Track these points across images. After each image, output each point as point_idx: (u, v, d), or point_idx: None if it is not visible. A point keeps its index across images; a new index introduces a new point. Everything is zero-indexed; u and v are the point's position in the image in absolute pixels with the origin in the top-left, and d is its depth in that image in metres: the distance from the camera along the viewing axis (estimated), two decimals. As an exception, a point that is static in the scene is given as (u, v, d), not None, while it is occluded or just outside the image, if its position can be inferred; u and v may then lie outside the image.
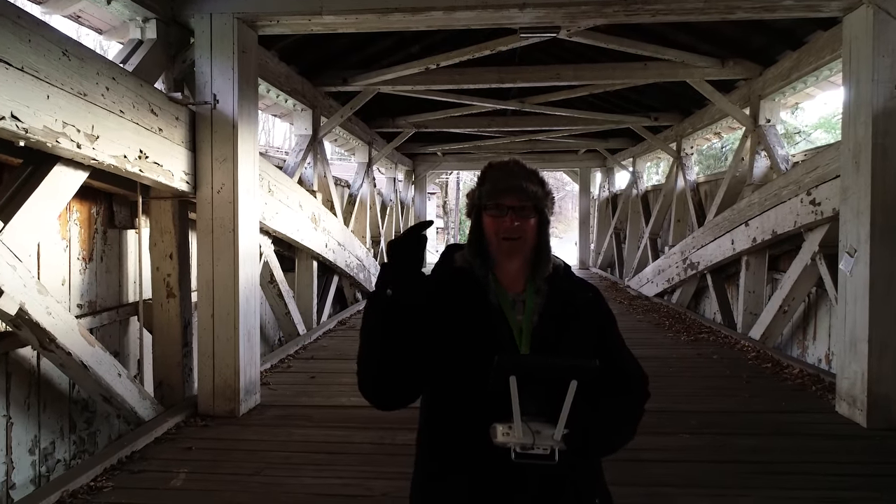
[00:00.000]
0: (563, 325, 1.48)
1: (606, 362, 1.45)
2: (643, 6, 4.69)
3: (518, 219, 1.46)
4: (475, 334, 1.44)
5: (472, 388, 1.39)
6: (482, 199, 1.50)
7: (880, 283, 4.48)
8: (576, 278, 1.59)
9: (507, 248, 1.47)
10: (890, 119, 4.47)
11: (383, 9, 4.73)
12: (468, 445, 1.41)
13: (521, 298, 1.50)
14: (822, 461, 3.97)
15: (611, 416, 1.46)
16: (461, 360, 1.44)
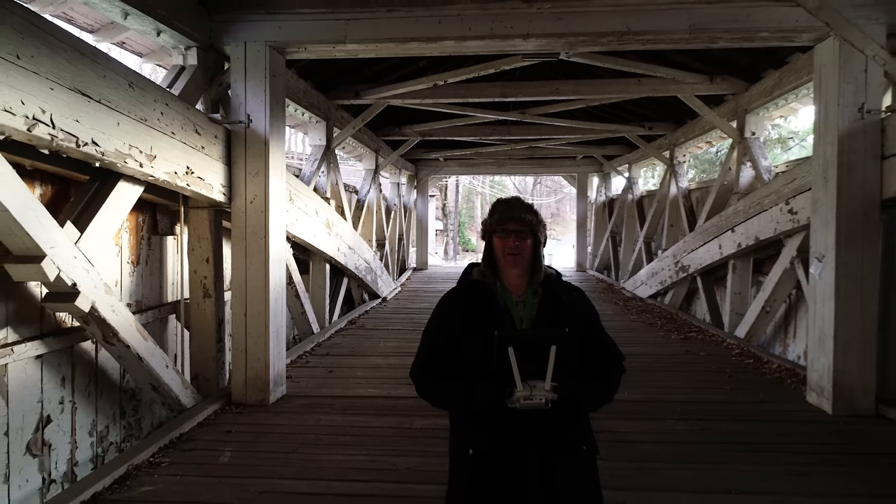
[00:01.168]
0: (553, 315, 2.05)
1: (593, 344, 2.05)
2: (634, 36, 5.23)
3: (518, 239, 2.04)
4: (489, 326, 1.97)
5: (489, 367, 1.93)
6: (493, 226, 2.09)
7: (844, 286, 5.02)
8: (563, 282, 2.17)
9: (510, 260, 2.05)
10: (854, 139, 5.01)
11: (401, 38, 5.27)
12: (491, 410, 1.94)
13: (522, 299, 2.08)
14: (791, 442, 4.51)
15: (592, 378, 2.02)
16: (482, 349, 1.97)
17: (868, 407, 5.02)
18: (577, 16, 5.15)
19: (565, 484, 1.95)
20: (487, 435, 1.97)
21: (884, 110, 5.01)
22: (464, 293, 2.12)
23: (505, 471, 1.95)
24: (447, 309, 2.14)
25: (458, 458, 2.06)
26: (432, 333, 2.14)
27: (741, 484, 3.76)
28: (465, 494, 2.01)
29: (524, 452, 1.94)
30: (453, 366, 2.04)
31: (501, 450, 1.96)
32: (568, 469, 1.97)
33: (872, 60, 4.98)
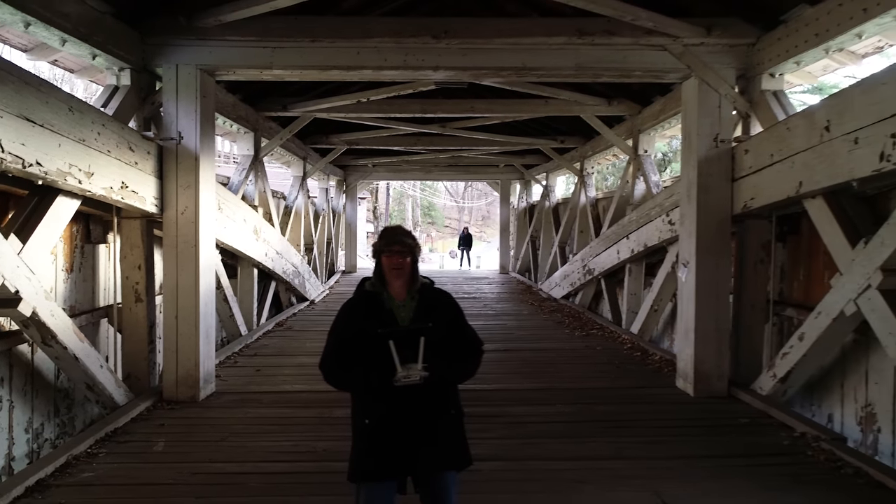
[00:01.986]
0: (426, 314, 2.69)
1: (458, 334, 2.73)
2: (530, 71, 6.01)
3: (401, 258, 2.67)
4: (379, 326, 2.61)
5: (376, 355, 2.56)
6: (381, 248, 2.71)
7: (703, 288, 5.95)
8: (435, 289, 2.81)
9: (395, 274, 2.68)
10: (710, 164, 5.95)
11: (324, 66, 5.84)
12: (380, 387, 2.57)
13: (403, 303, 2.71)
14: (656, 419, 5.36)
15: (456, 360, 2.69)
16: (373, 340, 2.59)
17: (722, 390, 5.96)
18: (480, 52, 5.86)
19: (438, 435, 2.62)
20: (379, 407, 2.60)
21: (733, 140, 5.97)
22: (359, 301, 2.75)
23: (393, 432, 2.58)
24: (347, 313, 2.75)
25: (357, 427, 2.68)
26: (336, 333, 2.72)
27: (608, 452, 4.55)
28: (366, 452, 2.63)
29: (407, 417, 2.58)
30: (352, 357, 2.65)
31: (390, 417, 2.59)
32: (440, 426, 2.63)
33: (725, 98, 5.94)
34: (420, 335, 2.55)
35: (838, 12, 4.71)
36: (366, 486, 2.61)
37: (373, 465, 2.59)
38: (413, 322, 2.66)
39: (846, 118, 4.31)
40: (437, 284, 2.84)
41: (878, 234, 4.20)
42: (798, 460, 4.38)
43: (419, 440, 2.58)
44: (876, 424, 4.86)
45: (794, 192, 4.96)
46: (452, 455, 2.68)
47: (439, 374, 2.58)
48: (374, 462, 2.59)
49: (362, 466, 2.61)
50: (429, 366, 2.54)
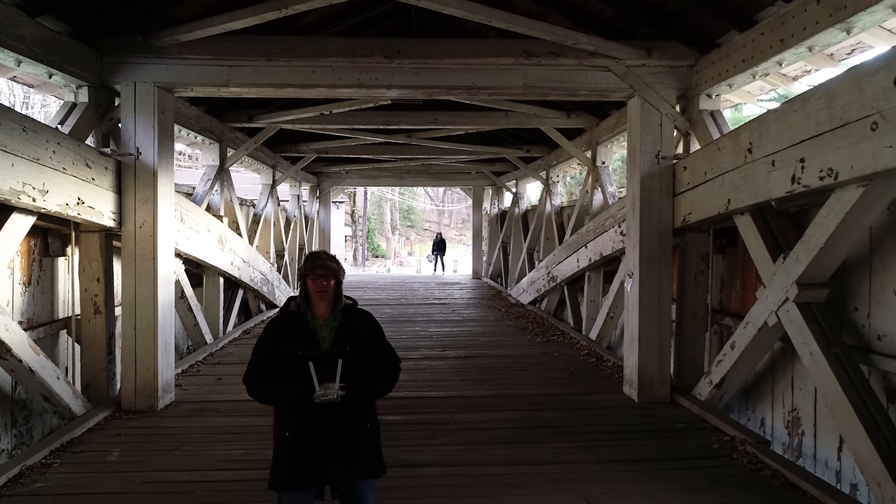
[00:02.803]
0: (346, 335, 2.88)
1: (377, 352, 2.93)
2: (480, 90, 6.24)
3: (325, 281, 2.86)
4: (302, 344, 2.79)
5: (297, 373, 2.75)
6: (306, 271, 2.90)
7: (645, 297, 6.22)
8: (357, 309, 3.01)
9: (320, 296, 2.87)
10: (652, 179, 6.23)
11: (280, 84, 6.02)
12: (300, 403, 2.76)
13: (326, 323, 2.90)
14: (598, 424, 5.60)
15: (373, 378, 2.90)
16: (295, 360, 2.78)
17: (665, 395, 6.24)
18: (432, 71, 6.08)
19: (354, 447, 2.82)
20: (299, 420, 2.79)
21: (674, 157, 6.26)
22: (284, 320, 2.94)
23: (312, 444, 2.78)
24: (272, 332, 2.93)
25: (279, 438, 2.87)
26: (261, 350, 2.89)
27: (545, 457, 4.77)
28: (287, 462, 2.82)
29: (325, 430, 2.78)
30: (275, 372, 2.83)
31: (309, 429, 2.78)
32: (356, 439, 2.84)
33: (666, 117, 6.22)
34: (338, 357, 2.75)
35: (760, 41, 5.02)
36: (286, 494, 2.80)
37: (293, 474, 2.77)
38: (333, 342, 2.85)
39: (765, 142, 4.60)
40: (410, 290, 3.07)
41: (794, 250, 4.49)
42: (722, 463, 4.65)
43: (336, 451, 2.77)
44: (800, 428, 5.16)
45: (723, 208, 5.25)
46: (368, 465, 2.89)
47: (356, 392, 2.79)
48: (293, 471, 2.78)
49: (283, 476, 2.80)
50: (346, 385, 2.74)
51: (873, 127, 3.49)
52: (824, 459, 4.83)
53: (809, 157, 4.07)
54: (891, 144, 3.36)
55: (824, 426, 4.87)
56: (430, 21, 8.01)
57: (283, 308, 3.00)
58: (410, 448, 4.92)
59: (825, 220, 4.12)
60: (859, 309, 4.50)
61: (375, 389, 2.93)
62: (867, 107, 3.54)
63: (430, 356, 8.50)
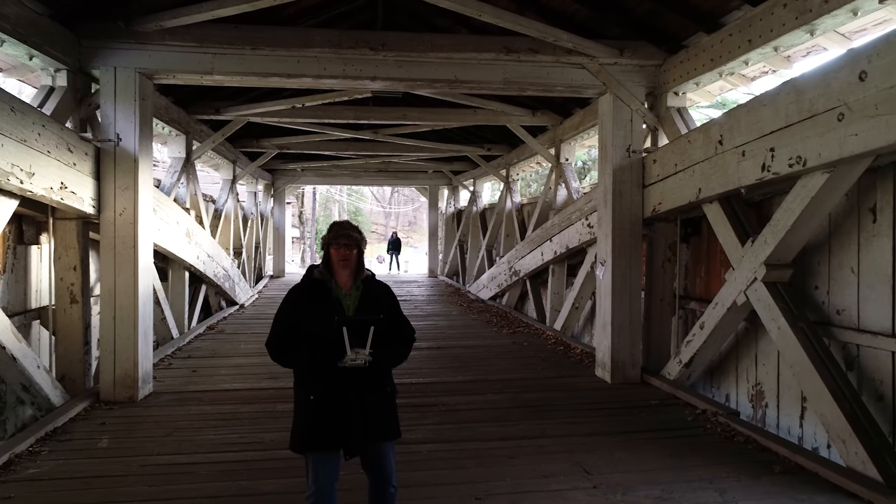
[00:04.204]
0: (369, 304, 2.99)
1: (395, 323, 3.07)
2: (462, 84, 6.44)
3: (347, 250, 2.96)
4: (326, 313, 2.88)
5: (327, 340, 2.85)
6: (330, 240, 2.98)
7: (618, 283, 6.56)
8: (377, 281, 3.12)
9: (342, 265, 2.97)
10: (624, 172, 6.57)
11: (264, 73, 6.05)
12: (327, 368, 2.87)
13: (349, 292, 3.00)
14: (575, 403, 5.88)
15: (393, 347, 3.03)
16: (321, 327, 2.88)
17: (636, 377, 6.58)
18: (415, 65, 6.24)
19: (376, 411, 2.94)
20: (324, 385, 2.89)
21: (644, 151, 6.62)
22: (308, 287, 3.02)
23: (337, 407, 2.88)
24: (296, 297, 3.01)
25: (302, 403, 2.95)
26: (284, 315, 2.97)
27: (535, 432, 5.00)
28: (311, 425, 2.90)
29: (349, 394, 2.88)
30: (298, 337, 2.92)
31: (334, 393, 2.88)
32: (377, 402, 2.96)
33: (636, 113, 6.58)
34: (370, 324, 2.87)
35: (728, 41, 5.42)
36: (313, 455, 2.89)
37: (320, 435, 2.87)
38: (357, 310, 2.96)
39: (735, 134, 4.98)
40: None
41: (763, 233, 4.88)
42: (698, 432, 4.99)
43: (360, 414, 2.88)
44: (764, 401, 5.57)
45: (694, 197, 5.62)
46: (390, 427, 3.02)
47: (382, 358, 2.92)
48: (320, 433, 2.87)
49: (309, 437, 2.88)
50: (374, 351, 2.86)
51: (840, 118, 3.88)
52: (787, 428, 5.24)
53: (779, 146, 4.46)
54: (856, 133, 3.75)
55: (787, 398, 5.29)
56: (404, 19, 8.17)
57: (305, 276, 3.07)
58: (405, 427, 4.84)
59: (792, 204, 4.51)
60: (819, 287, 4.93)
61: (396, 357, 3.06)
62: (834, 100, 3.92)
63: (403, 347, 8.60)
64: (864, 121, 3.69)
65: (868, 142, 3.68)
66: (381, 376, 2.99)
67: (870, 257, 4.43)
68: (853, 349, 4.57)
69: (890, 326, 4.25)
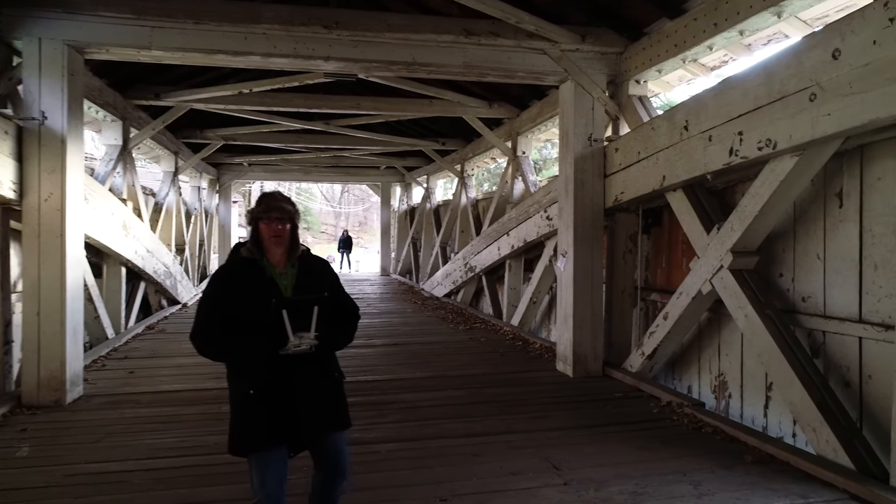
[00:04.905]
0: (308, 283, 2.67)
1: (337, 301, 2.78)
2: (420, 66, 6.17)
3: (280, 224, 2.61)
4: (260, 296, 2.55)
5: (264, 325, 2.54)
6: (259, 214, 2.63)
7: (579, 275, 6.41)
8: (314, 256, 2.81)
9: (275, 241, 2.62)
10: (585, 161, 6.43)
11: (208, 50, 5.62)
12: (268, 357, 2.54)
13: (284, 271, 2.66)
14: (538, 397, 5.68)
15: (338, 327, 2.75)
16: (256, 311, 2.54)
17: (597, 370, 6.44)
18: (371, 45, 5.93)
19: (326, 398, 2.66)
20: (263, 375, 2.55)
21: (605, 140, 6.50)
22: (236, 269, 2.64)
23: (280, 398, 2.56)
24: (223, 281, 2.63)
25: (240, 399, 2.59)
26: (209, 302, 2.60)
27: (500, 428, 4.76)
28: (252, 423, 2.55)
29: (293, 383, 2.57)
30: (230, 326, 2.54)
31: (276, 384, 2.56)
32: (327, 389, 2.68)
33: (597, 101, 6.45)
34: (314, 305, 2.57)
35: (693, 26, 5.33)
36: (257, 455, 2.56)
37: (263, 433, 2.54)
38: (296, 290, 2.64)
39: (702, 118, 4.88)
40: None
41: (729, 220, 4.79)
42: (665, 424, 4.86)
43: (308, 404, 2.59)
44: (727, 391, 5.51)
45: (658, 185, 5.51)
46: (341, 415, 2.74)
47: (328, 341, 2.64)
48: (264, 430, 2.54)
49: (252, 436, 2.55)
50: (319, 334, 2.57)
51: (812, 98, 3.79)
52: (751, 418, 5.18)
53: (748, 129, 4.36)
54: (829, 113, 3.67)
55: (750, 388, 5.23)
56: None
57: (231, 255, 2.71)
58: (361, 427, 4.72)
59: (760, 189, 4.43)
60: (784, 274, 4.87)
61: (343, 338, 2.79)
62: (805, 79, 3.83)
63: (357, 344, 8.20)
64: (837, 100, 3.61)
65: (841, 121, 3.60)
66: (328, 360, 2.71)
67: (836, 243, 4.39)
68: (819, 336, 4.52)
69: (857, 312, 4.20)
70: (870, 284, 4.11)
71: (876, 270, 4.07)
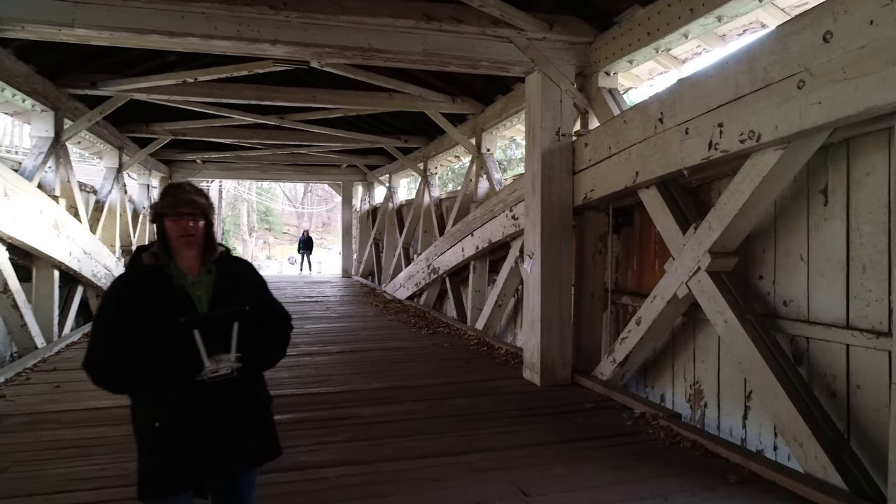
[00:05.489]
0: (228, 291, 2.23)
1: (265, 309, 2.34)
2: (376, 53, 5.71)
3: (192, 220, 2.15)
4: (167, 312, 2.09)
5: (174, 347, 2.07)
6: (165, 209, 2.15)
7: (547, 277, 6.04)
8: (234, 258, 2.37)
9: (185, 242, 2.16)
10: (553, 157, 6.07)
11: (140, 29, 5.06)
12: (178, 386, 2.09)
13: (198, 279, 2.20)
14: (506, 409, 5.28)
15: (266, 342, 2.31)
16: (163, 331, 2.08)
17: (566, 377, 6.09)
18: (323, 28, 5.46)
19: (249, 430, 2.22)
20: (173, 406, 2.10)
21: (573, 134, 6.16)
22: (138, 279, 2.18)
23: (194, 432, 2.11)
24: (121, 295, 2.16)
25: (145, 434, 2.14)
26: (105, 321, 2.15)
27: (461, 446, 4.35)
28: (159, 463, 2.12)
29: (211, 413, 2.13)
30: (133, 349, 2.08)
31: (188, 415, 2.10)
32: (250, 419, 2.25)
33: (565, 94, 6.10)
34: (233, 320, 2.11)
35: (667, 13, 5.01)
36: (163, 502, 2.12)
37: (172, 474, 2.10)
38: (214, 301, 2.19)
39: (678, 110, 4.55)
40: (276, 290, 2.41)
41: (707, 218, 4.48)
42: (640, 438, 4.51)
43: (227, 436, 2.16)
44: (703, 400, 5.20)
45: (630, 182, 5.18)
46: (267, 446, 2.31)
47: (254, 361, 2.20)
48: (173, 471, 2.10)
49: (158, 479, 2.11)
50: (241, 355, 2.12)
51: (800, 85, 3.48)
52: (728, 429, 4.88)
53: (728, 121, 4.04)
54: (819, 101, 3.36)
55: (728, 396, 4.93)
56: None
57: (132, 262, 2.23)
58: (308, 447, 4.27)
59: (740, 185, 4.12)
60: (764, 277, 4.58)
61: (272, 356, 2.33)
62: (793, 65, 3.52)
63: (312, 352, 7.77)
64: (828, 87, 3.30)
65: (833, 110, 3.29)
66: (252, 384, 2.26)
67: (821, 243, 4.10)
68: (802, 342, 4.23)
69: (844, 317, 3.92)
70: (858, 287, 3.83)
71: (864, 272, 3.79)
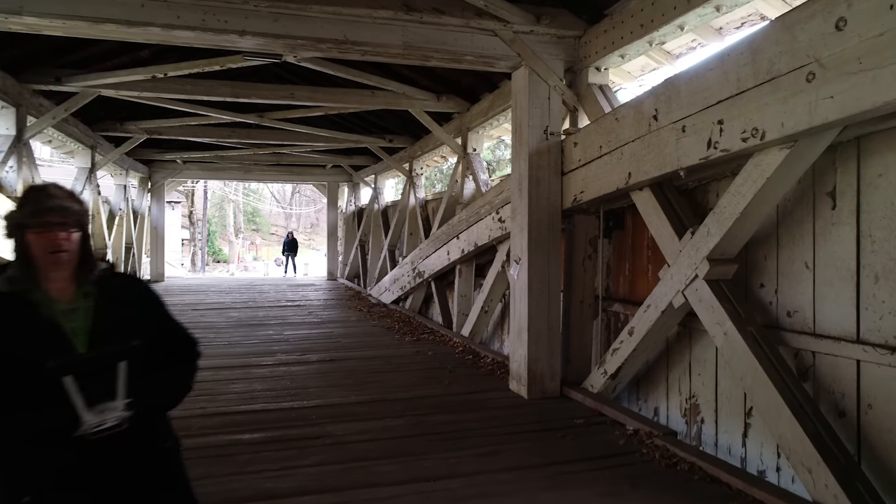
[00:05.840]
0: (114, 319, 1.78)
1: (164, 335, 1.91)
2: (353, 46, 5.37)
3: (63, 232, 1.71)
4: (33, 351, 1.64)
5: (42, 398, 1.63)
6: (26, 220, 1.70)
7: (535, 283, 5.72)
8: (120, 276, 1.93)
9: (54, 260, 1.71)
10: (541, 156, 5.76)
11: (94, 18, 4.68)
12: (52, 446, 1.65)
13: (72, 306, 1.75)
14: (492, 427, 4.95)
15: (165, 381, 1.88)
16: (27, 373, 1.62)
17: (555, 390, 5.77)
18: (294, 19, 5.10)
19: (153, 485, 1.81)
20: (46, 471, 1.66)
21: (563, 133, 5.85)
22: None
23: (75, 499, 1.68)
24: None
25: None
26: None
27: (442, 470, 4.01)
28: None
29: (97, 473, 1.70)
30: None
31: (68, 481, 1.67)
32: (150, 471, 1.82)
33: (554, 90, 5.79)
34: (119, 360, 1.70)
35: (662, 2, 4.70)
36: None
37: None
38: (94, 332, 1.74)
39: (674, 107, 4.24)
40: (259, 293, 2.03)
41: (705, 223, 4.17)
42: (634, 460, 4.20)
43: (119, 498, 1.74)
44: (699, 415, 4.90)
45: (623, 183, 4.87)
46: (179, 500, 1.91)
47: (151, 404, 1.79)
48: None
49: None
50: (133, 400, 1.71)
51: (809, 78, 3.18)
52: (727, 447, 4.58)
53: (729, 118, 3.74)
54: (832, 95, 3.05)
55: (726, 412, 4.63)
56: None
57: None
58: (274, 473, 3.92)
59: (742, 187, 3.81)
60: (765, 285, 4.28)
61: (174, 395, 1.92)
62: (801, 56, 3.22)
63: (289, 361, 7.41)
64: (842, 79, 3.00)
65: (847, 105, 2.99)
66: (151, 430, 1.83)
67: (828, 249, 3.81)
68: (808, 357, 3.94)
69: (854, 330, 3.63)
70: (869, 298, 3.54)
71: (877, 282, 3.50)
